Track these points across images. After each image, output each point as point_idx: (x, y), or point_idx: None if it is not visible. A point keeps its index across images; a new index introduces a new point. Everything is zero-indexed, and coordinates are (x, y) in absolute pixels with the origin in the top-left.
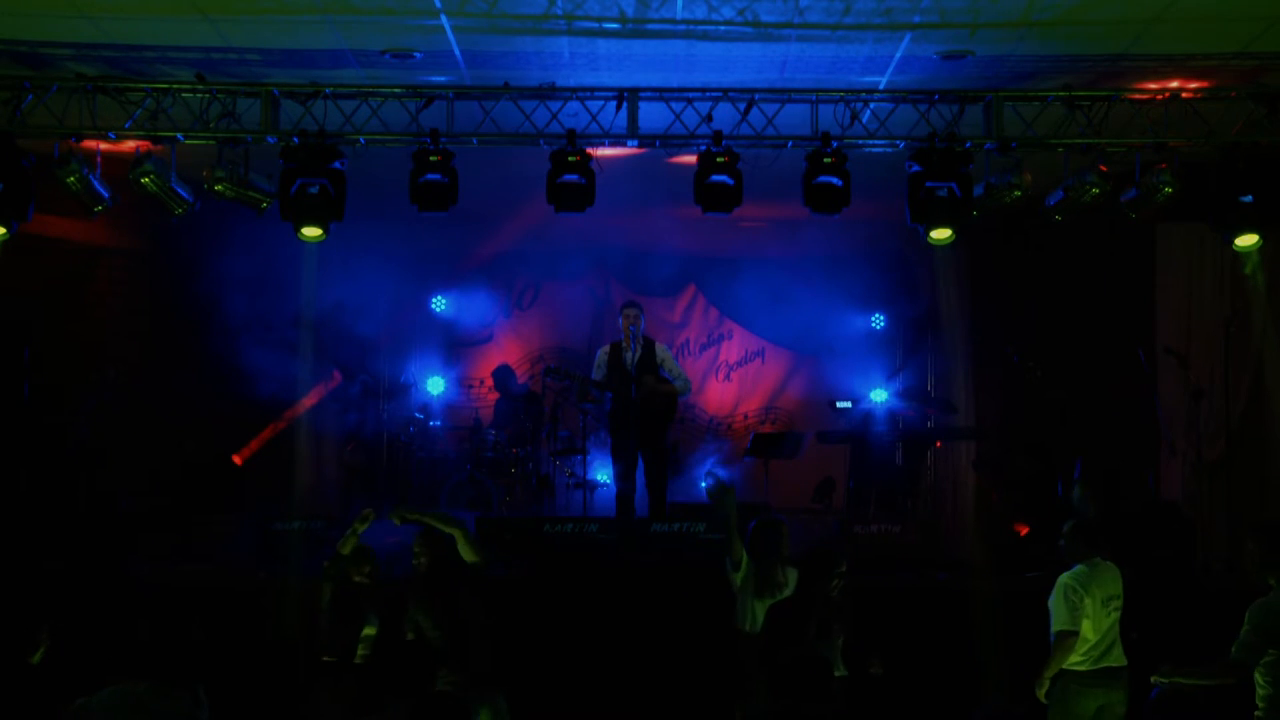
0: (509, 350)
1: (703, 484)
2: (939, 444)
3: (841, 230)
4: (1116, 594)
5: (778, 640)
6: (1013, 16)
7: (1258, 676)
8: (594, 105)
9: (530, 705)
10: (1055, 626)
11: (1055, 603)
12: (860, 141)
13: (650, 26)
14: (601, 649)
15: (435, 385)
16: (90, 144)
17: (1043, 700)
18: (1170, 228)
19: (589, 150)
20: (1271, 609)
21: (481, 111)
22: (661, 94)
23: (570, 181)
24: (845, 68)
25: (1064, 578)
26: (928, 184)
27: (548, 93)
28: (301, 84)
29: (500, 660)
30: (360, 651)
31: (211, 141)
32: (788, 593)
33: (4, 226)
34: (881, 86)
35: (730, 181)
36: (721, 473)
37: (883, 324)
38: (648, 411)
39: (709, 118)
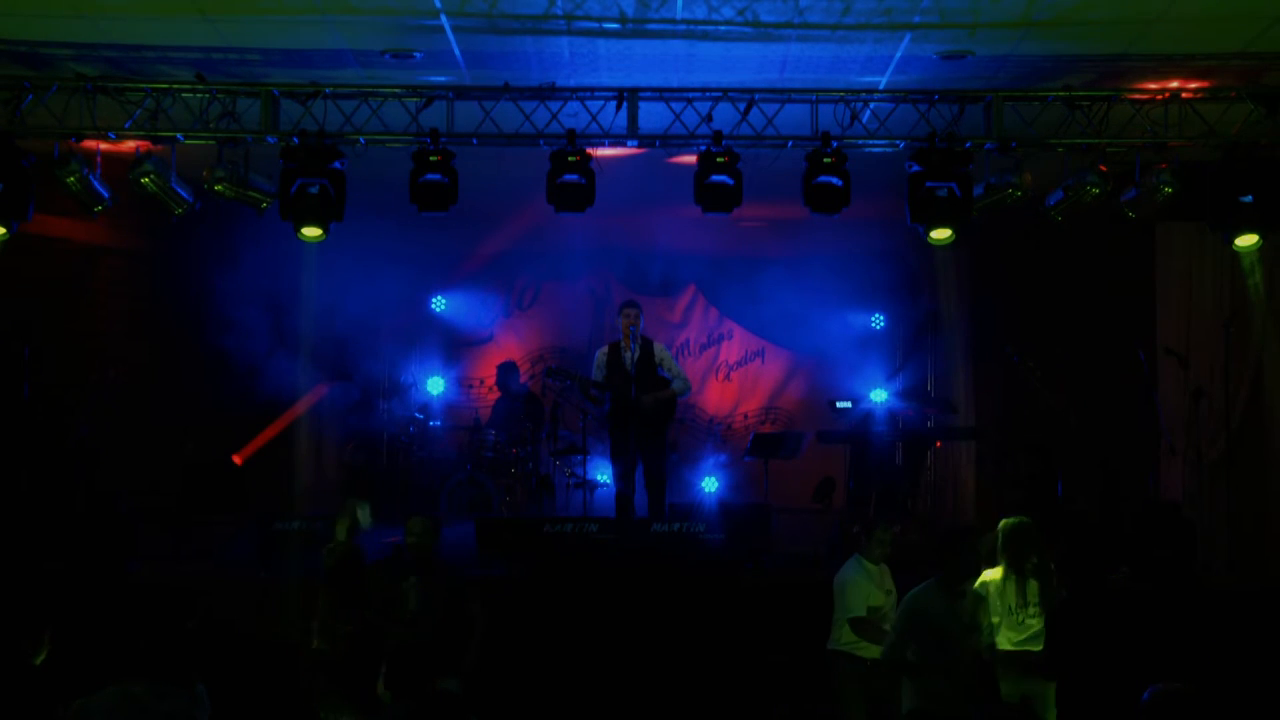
0: (509, 351)
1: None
2: (939, 444)
3: (841, 230)
4: None
5: None
6: (1013, 16)
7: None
8: (594, 105)
9: (530, 706)
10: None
11: None
12: (860, 141)
13: (650, 26)
14: (601, 649)
15: (435, 385)
16: (90, 144)
17: None
18: (1170, 228)
19: (589, 150)
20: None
21: (481, 111)
22: (661, 94)
23: (570, 181)
24: (845, 68)
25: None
26: (928, 184)
27: (548, 93)
28: (301, 84)
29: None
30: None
31: (211, 141)
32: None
33: (4, 226)
34: (881, 86)
35: (730, 181)
36: None
37: (883, 324)
38: (647, 411)
39: (709, 118)
